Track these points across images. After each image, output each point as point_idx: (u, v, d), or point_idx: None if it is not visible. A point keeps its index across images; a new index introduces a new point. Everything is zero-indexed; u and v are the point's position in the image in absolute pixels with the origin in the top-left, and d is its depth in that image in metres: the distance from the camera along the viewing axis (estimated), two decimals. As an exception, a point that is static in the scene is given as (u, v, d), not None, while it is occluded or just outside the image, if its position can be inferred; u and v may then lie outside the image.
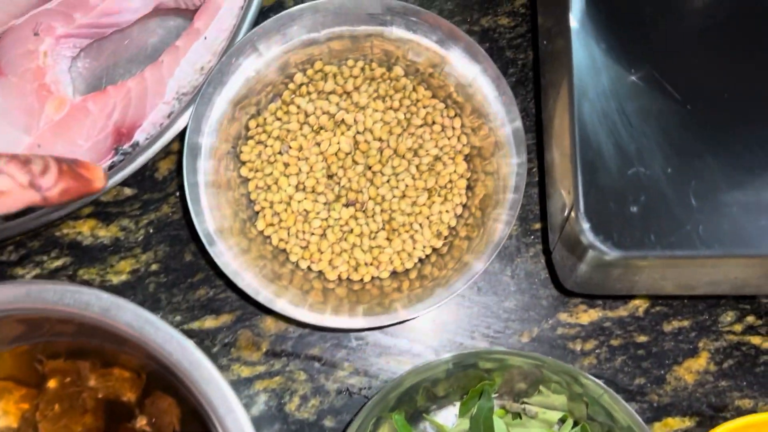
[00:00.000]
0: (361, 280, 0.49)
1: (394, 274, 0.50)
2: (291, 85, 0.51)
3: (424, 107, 0.51)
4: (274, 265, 0.49)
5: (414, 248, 0.50)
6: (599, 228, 0.36)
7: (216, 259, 0.46)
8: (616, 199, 0.36)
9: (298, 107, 0.51)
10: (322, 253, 0.50)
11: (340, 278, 0.50)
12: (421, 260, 0.50)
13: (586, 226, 0.36)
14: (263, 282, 0.47)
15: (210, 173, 0.48)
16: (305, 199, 0.50)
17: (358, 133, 0.50)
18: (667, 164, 0.37)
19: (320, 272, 0.50)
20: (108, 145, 0.49)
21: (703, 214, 0.36)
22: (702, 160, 0.37)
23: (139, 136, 0.50)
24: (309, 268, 0.50)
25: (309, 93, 0.51)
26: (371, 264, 0.50)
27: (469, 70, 0.49)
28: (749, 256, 0.36)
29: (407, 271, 0.50)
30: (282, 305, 0.46)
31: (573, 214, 0.38)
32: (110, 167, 0.49)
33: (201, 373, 0.39)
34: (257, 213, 0.51)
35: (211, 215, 0.47)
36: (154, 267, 0.52)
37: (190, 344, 0.39)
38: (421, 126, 0.51)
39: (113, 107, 0.49)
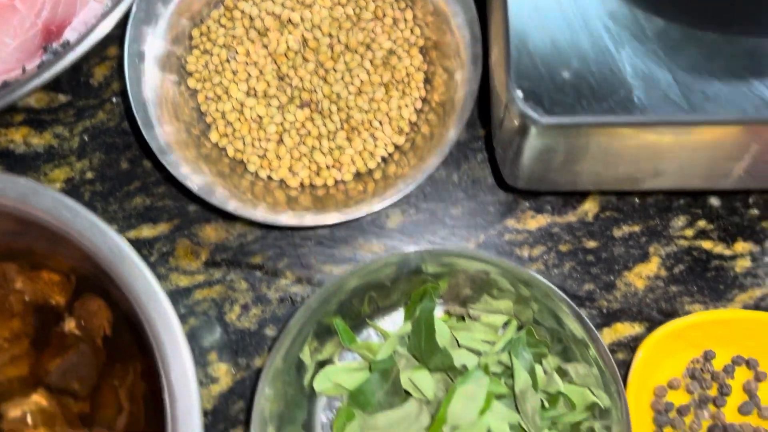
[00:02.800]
0: (324, 184, 0.48)
1: (357, 176, 0.48)
2: (233, -10, 0.50)
3: (374, 1, 0.49)
4: (233, 179, 0.47)
5: (375, 146, 0.48)
6: (530, 94, 0.35)
7: (172, 171, 0.45)
8: (548, 65, 0.35)
9: (242, 12, 0.49)
10: (280, 159, 0.48)
11: (302, 185, 0.48)
12: (384, 159, 0.49)
13: (518, 94, 0.35)
14: (225, 194, 0.46)
15: (157, 85, 0.46)
16: (257, 104, 0.48)
17: (306, 30, 0.49)
18: (603, 29, 0.35)
19: (282, 181, 0.48)
20: (37, 44, 0.47)
21: (637, 79, 0.35)
22: (636, 23, 0.35)
23: (70, 35, 0.48)
24: (269, 177, 0.48)
25: (252, -4, 0.49)
26: (333, 166, 0.48)
27: None
28: (685, 123, 0.35)
29: (371, 171, 0.48)
30: (261, 213, 0.45)
31: (508, 93, 0.36)
32: (39, 66, 0.47)
33: (124, 266, 0.37)
34: (209, 126, 0.49)
35: (161, 129, 0.46)
36: (89, 175, 0.50)
37: (111, 232, 0.38)
38: (371, 20, 0.49)
39: (42, 5, 0.47)
